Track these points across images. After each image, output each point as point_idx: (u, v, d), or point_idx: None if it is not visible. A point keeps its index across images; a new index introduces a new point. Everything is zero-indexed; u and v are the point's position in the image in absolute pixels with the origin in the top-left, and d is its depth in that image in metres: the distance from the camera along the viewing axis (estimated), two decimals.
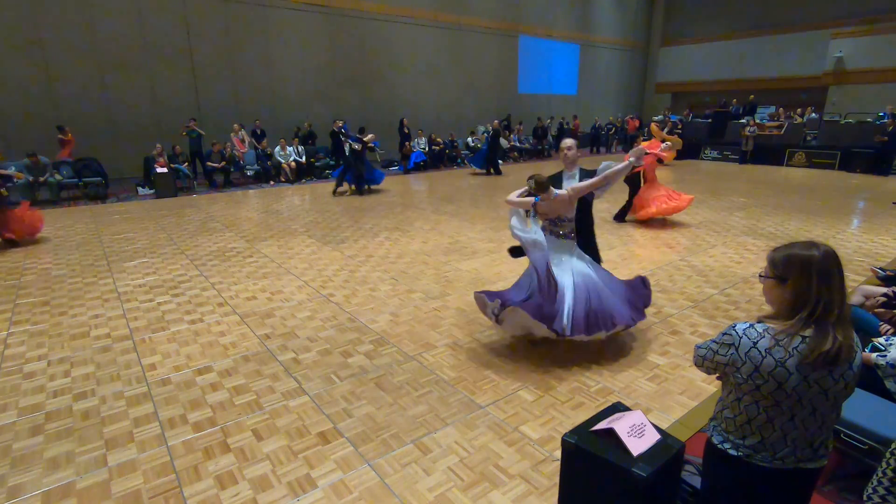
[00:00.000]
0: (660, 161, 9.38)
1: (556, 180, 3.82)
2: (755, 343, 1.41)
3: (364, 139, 10.64)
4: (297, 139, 13.22)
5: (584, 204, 3.95)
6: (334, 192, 10.70)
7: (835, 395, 1.40)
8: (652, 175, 7.78)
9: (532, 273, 3.56)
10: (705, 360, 1.56)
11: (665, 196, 7.72)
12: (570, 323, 3.37)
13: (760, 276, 1.51)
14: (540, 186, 3.42)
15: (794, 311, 1.40)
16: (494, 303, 3.47)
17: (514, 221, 3.46)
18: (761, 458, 1.47)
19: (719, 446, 1.55)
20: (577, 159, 3.87)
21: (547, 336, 3.48)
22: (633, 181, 7.80)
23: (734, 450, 1.51)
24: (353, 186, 10.76)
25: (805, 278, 1.37)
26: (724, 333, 1.50)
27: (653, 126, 15.54)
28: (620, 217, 8.04)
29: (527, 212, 3.51)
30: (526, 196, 3.51)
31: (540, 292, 3.43)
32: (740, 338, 1.44)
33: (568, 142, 3.89)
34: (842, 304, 1.36)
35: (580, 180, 3.71)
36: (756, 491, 1.52)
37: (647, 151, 7.29)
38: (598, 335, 3.46)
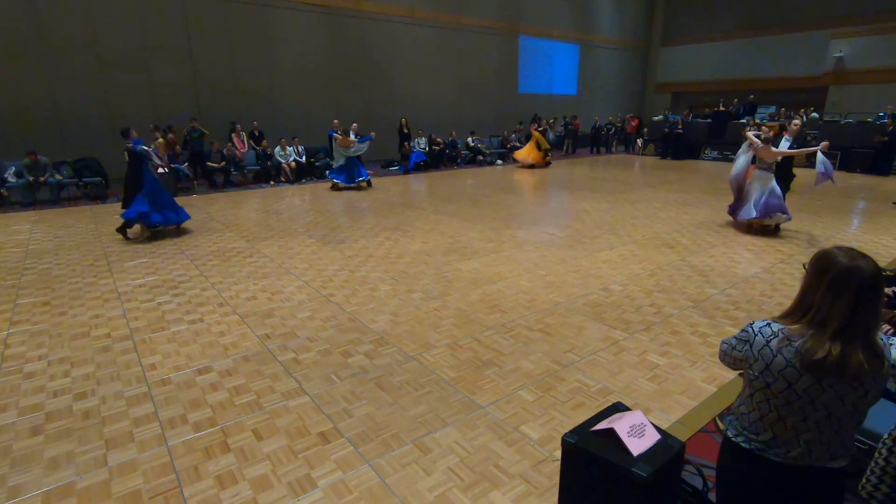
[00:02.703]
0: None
1: (777, 139, 6.93)
2: (768, 341, 1.42)
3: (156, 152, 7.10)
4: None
5: (785, 160, 7.38)
6: (123, 231, 7.02)
7: (853, 402, 1.36)
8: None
9: (753, 185, 7.00)
10: (726, 356, 1.57)
11: None
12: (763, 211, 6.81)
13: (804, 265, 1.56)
14: (766, 141, 6.93)
15: (798, 306, 1.41)
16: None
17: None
18: (774, 453, 1.47)
19: (733, 440, 1.56)
20: (798, 130, 7.18)
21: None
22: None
23: (747, 443, 1.51)
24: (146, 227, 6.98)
25: (816, 279, 1.36)
26: (743, 330, 1.51)
27: (533, 130, 15.99)
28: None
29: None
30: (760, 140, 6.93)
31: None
32: (755, 335, 1.45)
33: (797, 120, 7.25)
34: (845, 321, 1.30)
35: (791, 146, 7.04)
36: (769, 486, 1.51)
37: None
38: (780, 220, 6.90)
